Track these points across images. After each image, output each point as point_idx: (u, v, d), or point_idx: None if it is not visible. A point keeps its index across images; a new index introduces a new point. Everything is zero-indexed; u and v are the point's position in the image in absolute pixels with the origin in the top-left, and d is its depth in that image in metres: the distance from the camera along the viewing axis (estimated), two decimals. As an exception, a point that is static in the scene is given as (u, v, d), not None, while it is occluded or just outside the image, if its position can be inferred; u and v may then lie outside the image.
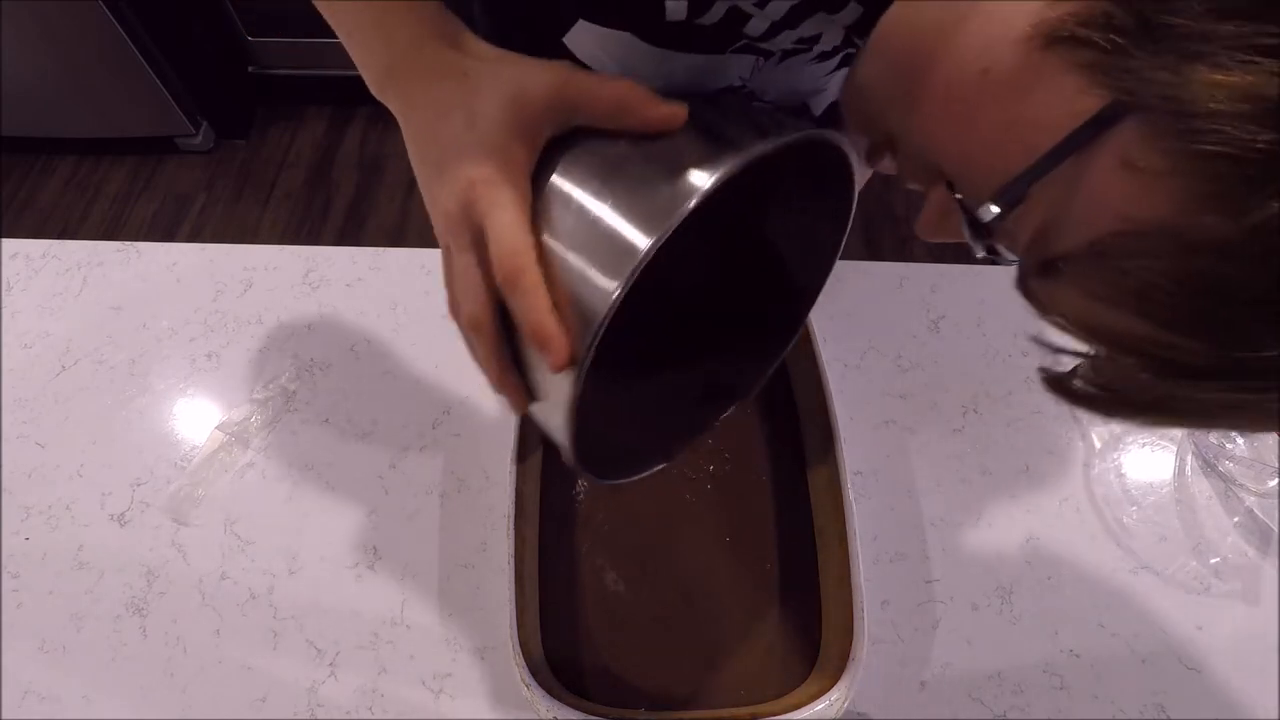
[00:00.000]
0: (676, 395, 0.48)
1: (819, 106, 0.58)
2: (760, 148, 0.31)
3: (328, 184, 1.95)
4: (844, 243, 0.43)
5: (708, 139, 0.32)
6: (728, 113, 0.35)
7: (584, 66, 0.51)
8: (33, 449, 0.63)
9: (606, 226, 0.31)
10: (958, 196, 0.31)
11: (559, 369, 0.32)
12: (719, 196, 0.30)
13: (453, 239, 0.34)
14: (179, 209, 1.91)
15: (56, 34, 1.65)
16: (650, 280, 0.30)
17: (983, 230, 0.30)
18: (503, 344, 0.35)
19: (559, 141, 0.34)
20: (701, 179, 0.30)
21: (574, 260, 0.32)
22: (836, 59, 0.48)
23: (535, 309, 0.31)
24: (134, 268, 0.73)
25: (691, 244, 0.34)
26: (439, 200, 0.34)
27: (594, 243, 0.31)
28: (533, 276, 0.31)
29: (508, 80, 0.34)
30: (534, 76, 0.34)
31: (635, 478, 0.44)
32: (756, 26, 0.43)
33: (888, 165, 0.37)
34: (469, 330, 0.34)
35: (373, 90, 0.39)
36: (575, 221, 0.32)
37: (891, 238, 1.86)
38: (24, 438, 0.64)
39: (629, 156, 0.33)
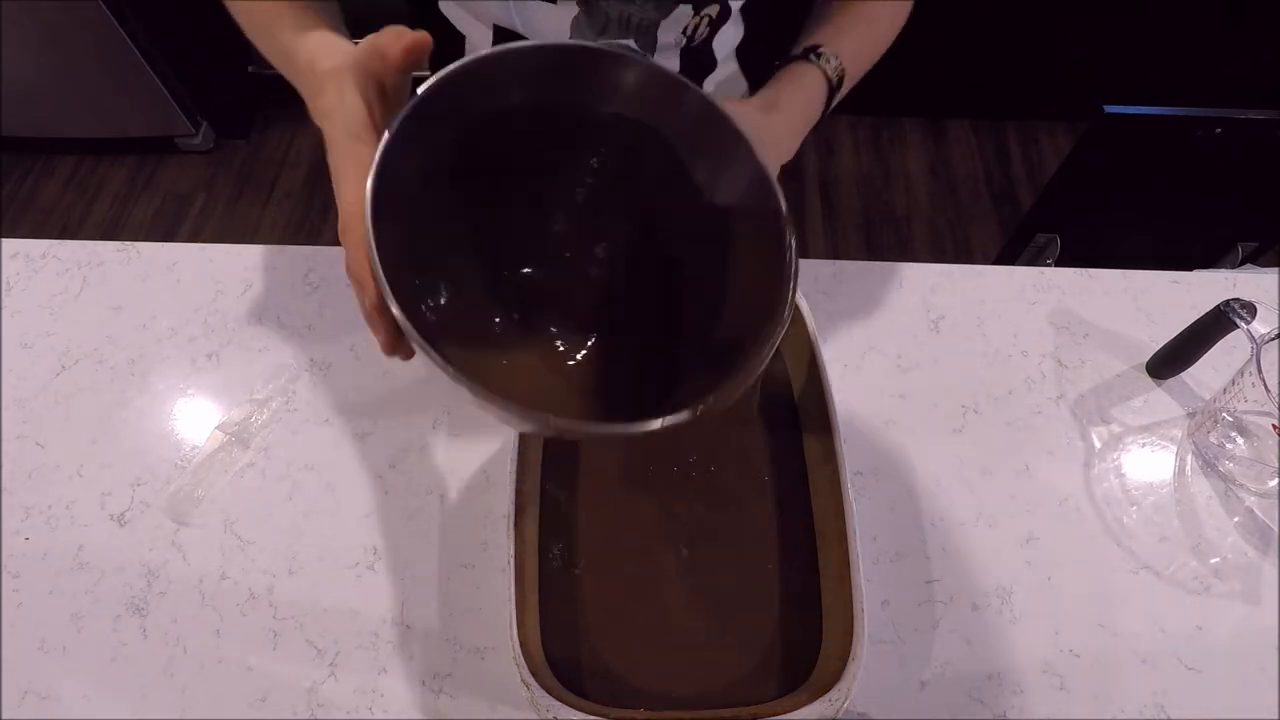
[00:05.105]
0: None
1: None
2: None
3: (328, 184, 1.93)
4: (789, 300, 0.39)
5: None
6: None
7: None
8: (33, 449, 0.63)
9: None
10: None
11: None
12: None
13: None
14: (179, 209, 1.91)
15: (56, 34, 1.65)
16: None
17: None
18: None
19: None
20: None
21: None
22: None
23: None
24: (134, 268, 0.73)
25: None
26: None
27: None
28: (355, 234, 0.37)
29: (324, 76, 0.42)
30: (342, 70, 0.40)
31: None
32: None
33: None
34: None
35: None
36: None
37: (891, 238, 1.86)
38: (24, 438, 0.64)
39: None
